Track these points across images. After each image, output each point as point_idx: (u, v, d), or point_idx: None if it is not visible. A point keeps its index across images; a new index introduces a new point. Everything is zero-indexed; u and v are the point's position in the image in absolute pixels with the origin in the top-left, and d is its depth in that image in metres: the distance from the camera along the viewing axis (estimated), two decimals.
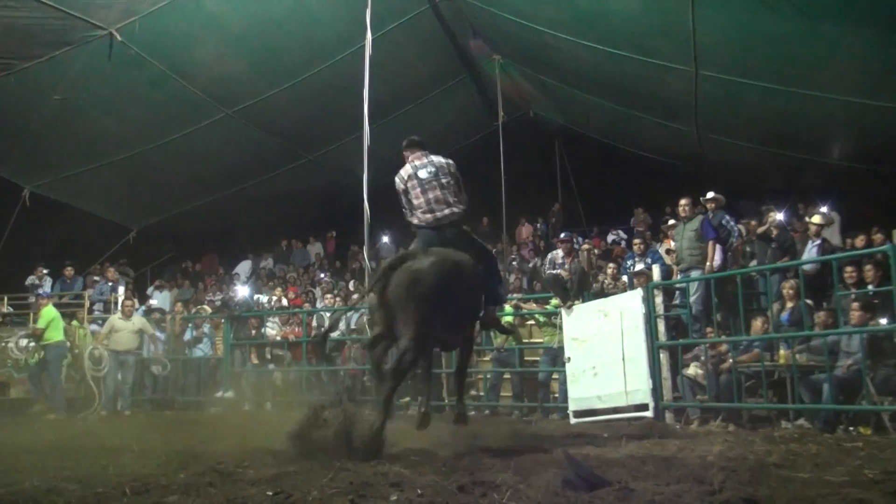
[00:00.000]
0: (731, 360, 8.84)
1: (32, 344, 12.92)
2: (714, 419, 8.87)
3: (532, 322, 12.39)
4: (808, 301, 9.02)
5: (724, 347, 9.26)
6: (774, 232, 11.30)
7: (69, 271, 15.73)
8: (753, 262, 11.29)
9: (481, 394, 12.16)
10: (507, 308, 12.20)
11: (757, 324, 9.07)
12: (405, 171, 6.70)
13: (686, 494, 3.97)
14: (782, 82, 10.55)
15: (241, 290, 15.92)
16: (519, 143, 16.74)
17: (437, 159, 6.80)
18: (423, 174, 6.60)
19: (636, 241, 12.12)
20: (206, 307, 15.36)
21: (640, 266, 11.10)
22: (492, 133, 16.44)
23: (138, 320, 13.67)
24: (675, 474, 4.63)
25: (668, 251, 12.04)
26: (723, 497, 3.88)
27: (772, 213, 12.42)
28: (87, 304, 14.30)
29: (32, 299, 15.18)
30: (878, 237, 10.95)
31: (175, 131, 14.56)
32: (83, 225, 16.68)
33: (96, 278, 16.16)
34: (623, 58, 11.68)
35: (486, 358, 12.43)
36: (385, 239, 20.61)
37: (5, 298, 14.58)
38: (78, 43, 11.86)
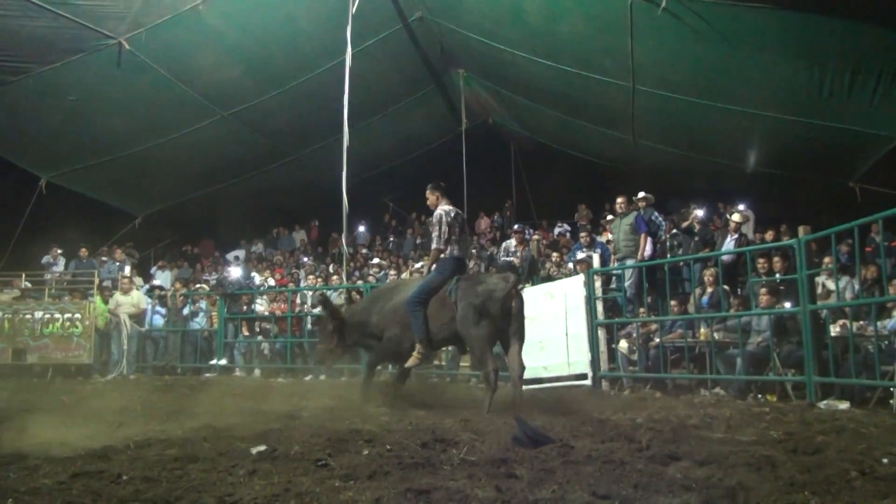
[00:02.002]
0: (658, 340, 8.92)
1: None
2: (644, 387, 8.96)
3: None
4: (725, 287, 9.16)
5: (653, 326, 9.34)
6: (697, 226, 11.43)
7: (84, 252, 15.52)
8: (680, 251, 11.40)
9: (443, 364, 12.16)
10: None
11: (674, 306, 9.17)
12: (448, 209, 7.19)
13: (618, 451, 4.01)
14: (706, 97, 10.64)
15: (235, 271, 15.75)
16: (479, 146, 16.72)
17: (456, 209, 7.36)
18: (459, 218, 7.19)
19: (583, 234, 12.13)
20: (203, 286, 15.21)
21: (582, 255, 11.15)
22: (456, 137, 16.45)
23: (136, 295, 13.60)
24: (609, 434, 4.68)
25: (608, 242, 12.11)
26: (649, 453, 3.93)
27: (695, 210, 12.56)
28: (98, 280, 14.08)
29: (48, 276, 14.99)
30: (771, 233, 11.17)
31: (176, 130, 14.40)
32: (94, 211, 16.52)
33: (105, 259, 15.94)
34: (570, 73, 11.71)
35: None
36: (361, 228, 20.58)
37: (23, 275, 14.33)
38: (90, 51, 11.74)
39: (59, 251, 15.64)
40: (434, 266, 7.09)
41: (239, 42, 12.62)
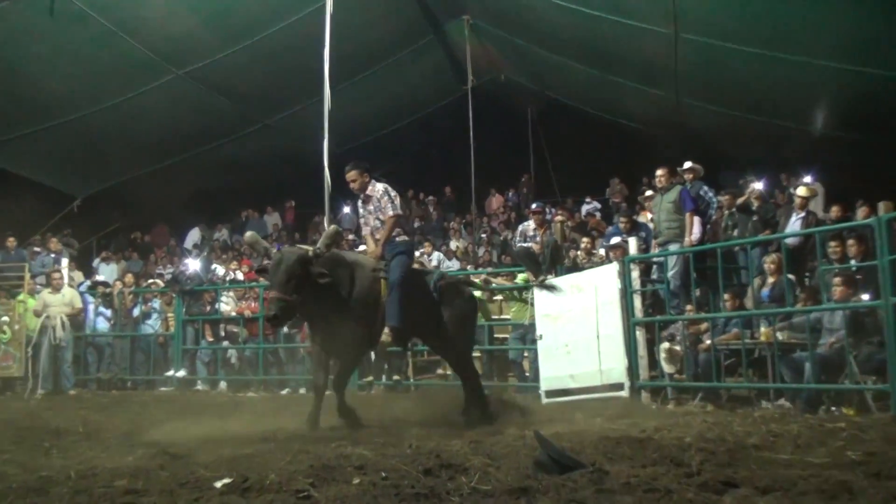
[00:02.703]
0: (708, 341, 8.89)
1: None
2: (692, 399, 8.94)
3: (500, 297, 12.38)
4: (791, 276, 9.09)
5: (703, 325, 9.30)
6: (755, 203, 11.35)
7: (11, 242, 15.44)
8: (736, 234, 11.33)
9: (448, 372, 12.17)
10: (476, 282, 12.22)
11: (728, 300, 9.12)
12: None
13: (663, 477, 4.00)
14: (767, 47, 10.58)
15: (193, 264, 15.69)
16: (489, 109, 16.70)
17: None
18: None
19: (623, 219, 12.05)
20: (157, 281, 15.20)
21: (616, 239, 11.11)
22: (460, 99, 16.38)
23: (69, 292, 13.47)
24: (651, 456, 4.66)
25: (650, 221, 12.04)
26: (701, 479, 3.91)
27: (752, 183, 12.50)
28: (28, 276, 14.07)
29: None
30: (840, 210, 11.04)
31: (121, 93, 14.39)
32: (24, 192, 16.42)
33: (37, 249, 15.91)
34: (599, 18, 11.67)
35: None
36: (346, 209, 20.48)
37: None
38: None
39: None
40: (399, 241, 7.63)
41: None
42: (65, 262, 15.23)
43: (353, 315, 6.99)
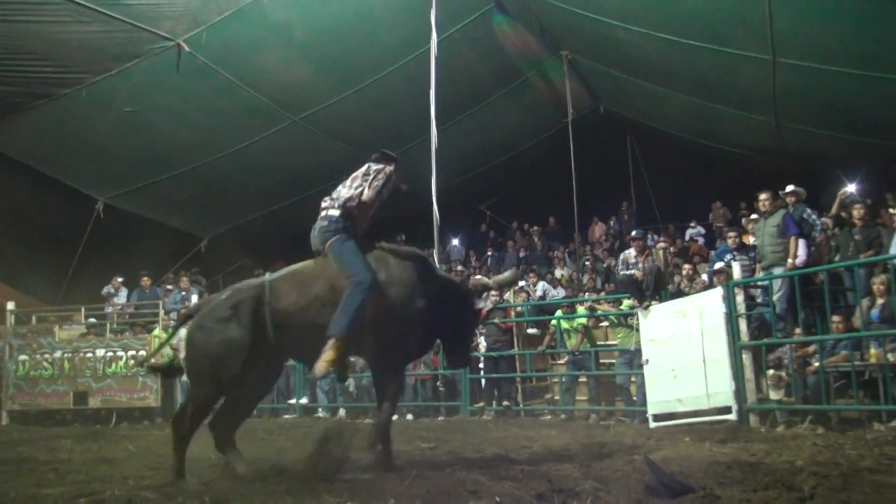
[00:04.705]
0: (817, 364, 8.63)
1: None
2: (801, 422, 8.67)
3: (606, 323, 12.27)
4: None
5: (811, 348, 9.04)
6: (856, 215, 10.86)
7: (146, 280, 16.06)
8: (837, 257, 10.99)
9: (556, 397, 12.10)
10: (581, 310, 12.14)
11: (836, 322, 8.83)
12: None
13: (775, 501, 3.90)
14: (866, 67, 10.28)
15: None
16: (589, 139, 16.62)
17: None
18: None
19: (731, 234, 11.82)
20: None
21: (721, 264, 10.89)
22: (561, 131, 16.34)
23: None
24: (762, 480, 4.55)
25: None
26: None
27: (843, 190, 12.15)
28: (162, 312, 14.60)
29: (109, 309, 15.62)
30: None
31: (243, 140, 14.82)
32: (156, 235, 17.03)
33: (170, 287, 16.50)
34: (696, 48, 11.53)
35: (561, 361, 12.38)
36: (455, 242, 20.65)
37: (83, 309, 14.98)
38: (146, 55, 12.17)
39: (121, 280, 16.21)
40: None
41: (308, 37, 12.91)
42: (195, 298, 15.74)
43: None
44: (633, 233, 12.46)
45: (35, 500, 4.88)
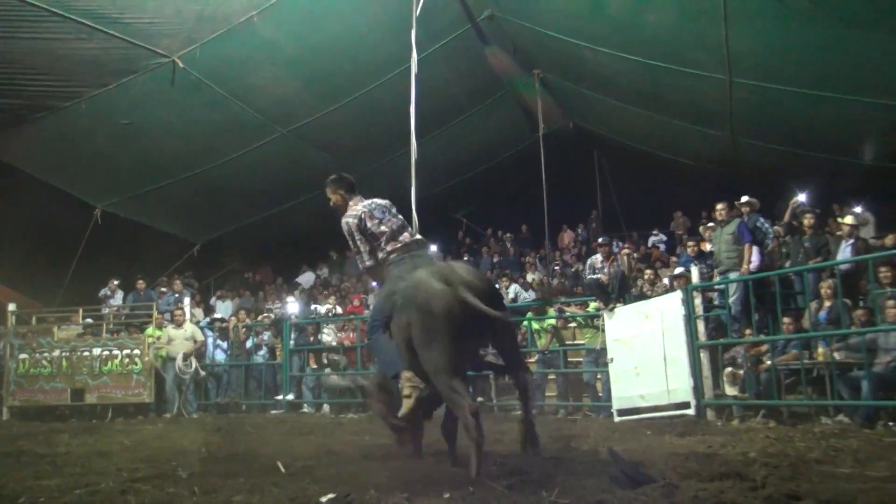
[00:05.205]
0: (769, 362, 8.72)
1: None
2: (755, 416, 8.74)
3: (574, 324, 12.32)
4: (846, 300, 8.86)
5: (764, 347, 9.12)
6: (805, 222, 10.95)
7: (141, 284, 15.98)
8: (788, 263, 11.09)
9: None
10: (550, 311, 12.18)
11: (787, 323, 8.92)
12: (357, 212, 6.06)
13: (729, 490, 3.92)
14: (816, 87, 10.38)
15: (292, 307, 15.90)
16: (559, 152, 16.66)
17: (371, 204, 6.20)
18: (379, 212, 6.05)
19: (690, 243, 11.95)
20: (270, 315, 15.51)
21: (681, 269, 10.97)
22: (533, 144, 16.40)
23: (190, 328, 13.93)
24: (717, 470, 4.58)
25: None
26: (765, 493, 3.82)
27: (794, 199, 12.26)
28: (156, 314, 14.51)
29: (106, 310, 15.51)
30: (893, 237, 10.64)
31: (234, 151, 14.77)
32: (151, 240, 16.99)
33: (164, 290, 16.41)
34: (658, 68, 11.60)
35: (532, 360, 12.41)
36: (433, 248, 20.59)
37: (80, 310, 14.87)
38: (143, 71, 12.11)
39: (117, 282, 16.12)
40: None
41: (296, 54, 12.90)
42: (187, 300, 15.65)
43: None
44: (600, 239, 12.54)
45: (33, 491, 4.82)
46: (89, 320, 14.72)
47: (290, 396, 13.45)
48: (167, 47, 11.86)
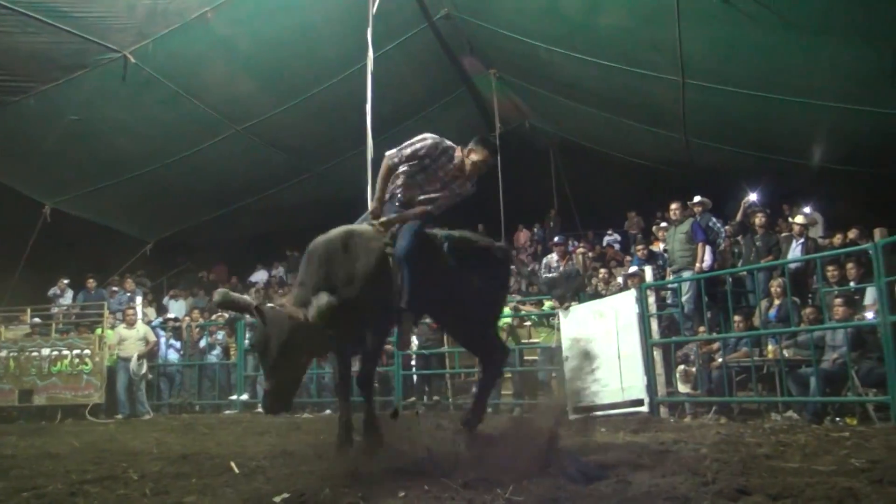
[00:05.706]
0: (720, 360, 8.84)
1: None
2: (706, 412, 8.86)
3: (529, 323, 12.37)
4: (795, 298, 9.03)
5: (715, 345, 9.25)
6: (756, 222, 11.16)
7: (91, 283, 15.70)
8: (740, 262, 11.27)
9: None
10: (506, 310, 12.21)
11: (738, 321, 9.06)
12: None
13: (681, 486, 3.96)
14: (766, 89, 10.56)
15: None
16: (516, 152, 16.72)
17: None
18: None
19: (639, 247, 12.09)
20: (224, 314, 15.34)
21: (633, 268, 11.09)
22: None
23: (142, 328, 13.69)
24: (670, 466, 4.63)
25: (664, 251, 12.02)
26: (716, 488, 3.87)
27: (746, 198, 12.46)
28: (107, 313, 14.27)
29: (55, 310, 15.22)
30: (852, 234, 10.89)
31: (187, 148, 14.59)
32: (102, 238, 16.74)
33: (115, 289, 16.15)
34: (612, 69, 11.71)
35: None
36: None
37: (29, 310, 14.59)
38: (93, 66, 11.91)
39: (66, 282, 15.85)
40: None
41: (251, 51, 12.79)
42: (139, 299, 15.44)
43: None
44: (556, 239, 12.61)
45: None
46: (37, 320, 14.44)
47: (245, 396, 13.32)
48: (118, 42, 11.67)
